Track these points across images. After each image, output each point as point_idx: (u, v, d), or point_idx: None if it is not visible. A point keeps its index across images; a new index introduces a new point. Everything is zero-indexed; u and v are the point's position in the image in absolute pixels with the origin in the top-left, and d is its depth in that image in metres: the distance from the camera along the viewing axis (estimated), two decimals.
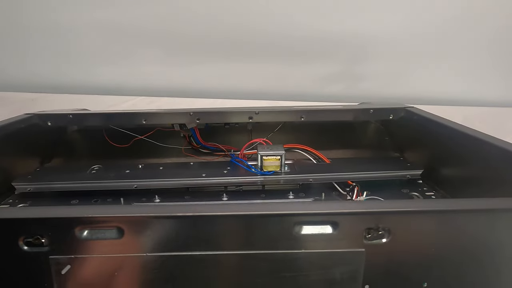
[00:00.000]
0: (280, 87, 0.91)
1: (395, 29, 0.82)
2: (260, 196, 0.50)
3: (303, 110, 0.58)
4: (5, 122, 0.52)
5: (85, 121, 0.56)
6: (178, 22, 0.84)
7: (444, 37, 0.82)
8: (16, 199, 0.48)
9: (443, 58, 0.84)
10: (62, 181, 0.51)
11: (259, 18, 0.83)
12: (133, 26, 0.85)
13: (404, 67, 0.86)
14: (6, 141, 0.50)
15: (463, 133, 0.48)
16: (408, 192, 0.50)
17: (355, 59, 0.86)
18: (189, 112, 0.56)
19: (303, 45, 0.85)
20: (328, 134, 0.66)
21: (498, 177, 0.40)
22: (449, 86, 0.87)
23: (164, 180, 0.51)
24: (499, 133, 0.74)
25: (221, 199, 0.49)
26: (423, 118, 0.56)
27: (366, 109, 0.59)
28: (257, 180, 0.52)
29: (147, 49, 0.90)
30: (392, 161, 0.58)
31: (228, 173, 0.53)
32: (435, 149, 0.54)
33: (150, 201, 0.49)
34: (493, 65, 0.83)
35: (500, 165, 0.39)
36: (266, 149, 0.52)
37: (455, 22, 0.80)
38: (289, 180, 0.52)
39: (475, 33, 0.80)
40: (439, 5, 0.79)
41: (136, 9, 0.83)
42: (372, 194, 0.50)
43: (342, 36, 0.84)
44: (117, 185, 0.49)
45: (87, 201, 0.48)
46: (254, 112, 0.58)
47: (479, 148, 0.43)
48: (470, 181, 0.46)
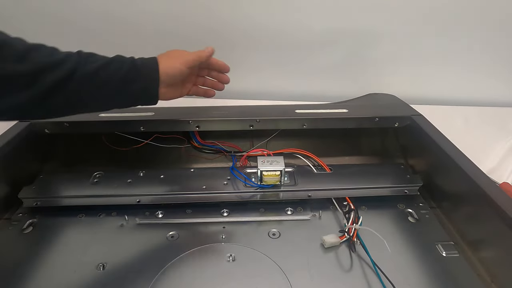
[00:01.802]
0: (281, 87, 0.89)
1: (395, 28, 0.79)
2: (259, 210, 0.52)
3: (305, 118, 0.57)
4: (3, 134, 0.52)
5: (82, 128, 0.56)
6: (178, 22, 0.79)
7: (445, 34, 0.79)
8: (26, 213, 0.50)
9: (443, 58, 0.82)
10: (67, 192, 0.53)
11: (259, 16, 0.78)
12: (133, 25, 0.80)
13: (404, 65, 0.84)
14: (6, 152, 0.50)
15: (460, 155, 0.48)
16: (404, 209, 0.52)
17: (352, 57, 0.84)
18: (189, 120, 0.55)
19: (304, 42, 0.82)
20: (330, 138, 0.65)
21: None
22: (450, 85, 0.86)
23: (166, 194, 0.52)
24: (501, 133, 0.74)
25: (221, 213, 0.51)
26: (427, 129, 0.56)
27: (371, 117, 0.57)
28: (256, 194, 0.53)
29: (146, 48, 0.85)
30: (394, 170, 0.57)
31: (228, 184, 0.54)
32: (435, 161, 0.54)
33: (152, 216, 0.51)
34: (494, 64, 0.81)
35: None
36: (266, 163, 0.52)
37: (455, 20, 0.76)
38: (288, 195, 0.53)
39: (477, 30, 0.77)
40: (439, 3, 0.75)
41: (135, 7, 0.77)
42: (369, 208, 0.52)
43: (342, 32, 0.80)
44: (120, 199, 0.51)
45: (92, 215, 0.50)
46: (255, 120, 0.56)
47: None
48: (465, 203, 0.47)
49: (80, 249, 0.45)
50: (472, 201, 0.44)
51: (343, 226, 0.48)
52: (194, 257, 0.44)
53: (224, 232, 0.48)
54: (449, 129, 0.56)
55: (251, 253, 0.44)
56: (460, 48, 0.80)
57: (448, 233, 0.47)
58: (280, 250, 0.44)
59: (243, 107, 0.62)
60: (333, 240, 0.45)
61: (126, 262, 0.43)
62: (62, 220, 0.49)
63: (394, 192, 0.53)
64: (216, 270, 0.42)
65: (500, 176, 0.63)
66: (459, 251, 0.44)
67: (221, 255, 0.44)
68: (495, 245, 0.41)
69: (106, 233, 0.48)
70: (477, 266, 0.42)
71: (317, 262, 0.43)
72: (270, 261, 0.43)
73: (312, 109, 0.59)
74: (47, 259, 0.43)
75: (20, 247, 0.45)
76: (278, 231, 0.48)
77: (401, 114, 0.59)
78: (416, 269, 0.42)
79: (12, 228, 0.48)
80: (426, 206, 0.52)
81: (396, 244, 0.45)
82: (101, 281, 0.41)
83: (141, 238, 0.47)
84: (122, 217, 0.50)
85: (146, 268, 0.42)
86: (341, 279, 0.41)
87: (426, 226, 0.48)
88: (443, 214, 0.50)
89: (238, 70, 0.87)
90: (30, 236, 0.47)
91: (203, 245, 0.45)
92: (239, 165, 0.60)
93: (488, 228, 0.42)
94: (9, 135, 0.53)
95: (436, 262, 0.43)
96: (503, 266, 0.39)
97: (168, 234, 0.47)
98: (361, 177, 0.55)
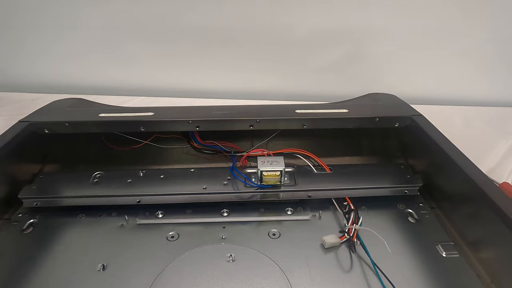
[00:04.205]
0: (281, 87, 0.89)
1: (395, 28, 0.79)
2: (259, 210, 0.52)
3: (305, 118, 0.57)
4: (3, 134, 0.52)
5: (82, 128, 0.55)
6: (178, 21, 0.80)
7: (445, 34, 0.79)
8: (26, 213, 0.50)
9: (443, 58, 0.82)
10: (67, 192, 0.52)
11: (259, 16, 0.78)
12: (132, 25, 0.81)
13: (404, 65, 0.85)
14: (6, 152, 0.51)
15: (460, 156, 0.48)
16: (404, 209, 0.52)
17: (352, 57, 0.84)
18: (189, 120, 0.55)
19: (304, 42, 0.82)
20: (330, 138, 0.65)
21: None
22: (450, 85, 0.86)
23: (166, 194, 0.52)
24: (501, 133, 0.75)
25: (221, 213, 0.51)
26: (428, 129, 0.55)
27: (371, 117, 0.57)
28: (256, 194, 0.53)
29: (146, 48, 0.86)
30: (394, 170, 0.57)
31: (228, 184, 0.54)
32: (435, 162, 0.53)
33: (153, 216, 0.51)
34: (494, 64, 0.81)
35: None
36: (266, 164, 0.52)
37: (455, 20, 0.76)
38: (288, 195, 0.53)
39: (477, 30, 0.78)
40: (440, 3, 0.75)
41: (135, 7, 0.78)
42: (369, 208, 0.52)
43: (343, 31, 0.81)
44: (120, 199, 0.51)
45: (92, 215, 0.50)
46: (255, 120, 0.56)
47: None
48: (465, 203, 0.47)
49: (80, 249, 0.45)
50: (472, 201, 0.44)
51: (343, 226, 0.48)
52: (194, 257, 0.44)
53: (224, 232, 0.48)
54: (449, 129, 0.56)
55: (251, 253, 0.44)
56: (460, 48, 0.80)
57: (448, 233, 0.47)
58: (280, 250, 0.44)
59: (243, 107, 0.62)
60: (333, 240, 0.45)
61: (126, 262, 0.43)
62: (62, 220, 0.49)
63: (394, 192, 0.53)
64: (216, 270, 0.42)
65: (500, 176, 0.63)
66: (459, 251, 0.44)
67: (221, 255, 0.44)
68: (495, 245, 0.41)
69: (106, 233, 0.48)
70: (477, 266, 0.42)
71: (317, 262, 0.43)
72: (270, 261, 0.43)
73: (312, 109, 0.59)
74: (47, 259, 0.43)
75: (20, 247, 0.45)
76: (278, 231, 0.48)
77: (401, 114, 0.59)
78: (416, 269, 0.42)
79: (12, 229, 0.48)
80: (426, 206, 0.52)
81: (396, 244, 0.45)
82: (101, 281, 0.41)
83: (141, 238, 0.47)
84: (122, 217, 0.50)
85: (146, 268, 0.42)
86: (341, 279, 0.41)
87: (426, 226, 0.48)
88: (443, 214, 0.50)
89: (238, 70, 0.88)
90: (30, 236, 0.47)
91: (203, 245, 0.45)
92: (239, 165, 0.60)
93: (488, 229, 0.42)
94: (9, 135, 0.53)
95: (436, 262, 0.43)
96: (503, 266, 0.39)
97: (168, 234, 0.47)
98: (361, 177, 0.55)
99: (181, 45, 0.86)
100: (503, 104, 0.84)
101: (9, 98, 0.90)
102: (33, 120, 0.56)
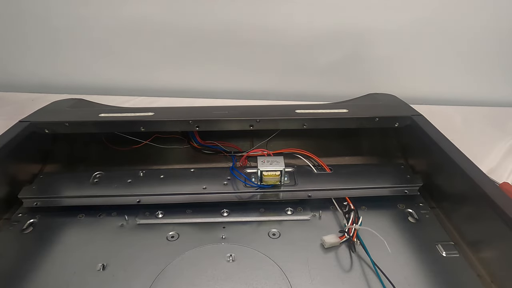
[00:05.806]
0: (281, 87, 0.90)
1: (396, 28, 0.79)
2: (259, 210, 0.52)
3: (305, 118, 0.57)
4: (3, 134, 0.52)
5: (82, 128, 0.56)
6: (178, 21, 0.80)
7: (445, 34, 0.79)
8: (26, 213, 0.50)
9: (442, 58, 0.82)
10: (67, 192, 0.52)
11: (259, 16, 0.79)
12: (132, 24, 0.81)
13: (404, 65, 0.85)
14: (6, 152, 0.51)
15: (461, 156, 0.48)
16: (404, 209, 0.52)
17: (352, 57, 0.84)
18: (189, 120, 0.55)
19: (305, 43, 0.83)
20: (330, 138, 0.65)
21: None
22: (450, 85, 0.87)
23: (166, 194, 0.52)
24: (501, 133, 0.75)
25: (221, 213, 0.51)
26: (428, 129, 0.56)
27: (371, 117, 0.57)
28: (256, 194, 0.53)
29: (146, 48, 0.86)
30: (394, 170, 0.57)
31: (228, 184, 0.54)
32: (435, 162, 0.53)
33: (152, 216, 0.51)
34: (494, 64, 0.82)
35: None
36: (266, 164, 0.52)
37: (455, 20, 0.77)
38: (288, 195, 0.53)
39: (477, 30, 0.78)
40: (440, 3, 0.75)
41: (135, 8, 0.78)
42: (369, 208, 0.52)
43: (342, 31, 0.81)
44: (120, 199, 0.51)
45: (92, 215, 0.50)
46: (255, 120, 0.56)
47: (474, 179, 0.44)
48: (465, 203, 0.47)
49: (80, 249, 0.45)
50: (472, 201, 0.44)
51: (343, 226, 0.48)
52: (194, 257, 0.44)
53: (224, 232, 0.48)
54: (449, 129, 0.56)
55: (251, 253, 0.44)
56: (460, 48, 0.80)
57: (448, 233, 0.47)
58: (280, 250, 0.44)
59: (243, 107, 0.62)
60: (333, 240, 0.45)
61: (126, 262, 0.43)
62: (62, 220, 0.49)
63: (394, 192, 0.53)
64: (216, 270, 0.42)
65: (500, 176, 0.63)
66: (459, 251, 0.44)
67: (221, 255, 0.44)
68: (495, 245, 0.41)
69: (106, 233, 0.48)
70: (477, 266, 0.42)
71: (317, 262, 0.43)
72: (270, 261, 0.43)
73: (312, 109, 0.59)
74: (47, 259, 0.43)
75: (20, 247, 0.45)
76: (278, 231, 0.48)
77: (401, 114, 0.59)
78: (416, 269, 0.42)
79: (12, 228, 0.48)
80: (426, 206, 0.52)
81: (396, 244, 0.45)
82: (101, 281, 0.41)
83: (141, 238, 0.47)
84: (122, 217, 0.50)
85: (146, 268, 0.42)
86: (341, 279, 0.41)
87: (426, 226, 0.48)
88: (443, 214, 0.50)
89: (237, 70, 0.88)
90: (30, 236, 0.47)
91: (203, 245, 0.45)
92: (239, 165, 0.60)
93: (488, 228, 0.42)
94: (9, 135, 0.53)
95: (436, 262, 0.43)
96: (503, 266, 0.39)
97: (168, 234, 0.47)
98: (361, 177, 0.55)
99: (181, 45, 0.87)
100: (503, 104, 0.84)
101: (9, 98, 0.90)
102: (33, 120, 0.56)
